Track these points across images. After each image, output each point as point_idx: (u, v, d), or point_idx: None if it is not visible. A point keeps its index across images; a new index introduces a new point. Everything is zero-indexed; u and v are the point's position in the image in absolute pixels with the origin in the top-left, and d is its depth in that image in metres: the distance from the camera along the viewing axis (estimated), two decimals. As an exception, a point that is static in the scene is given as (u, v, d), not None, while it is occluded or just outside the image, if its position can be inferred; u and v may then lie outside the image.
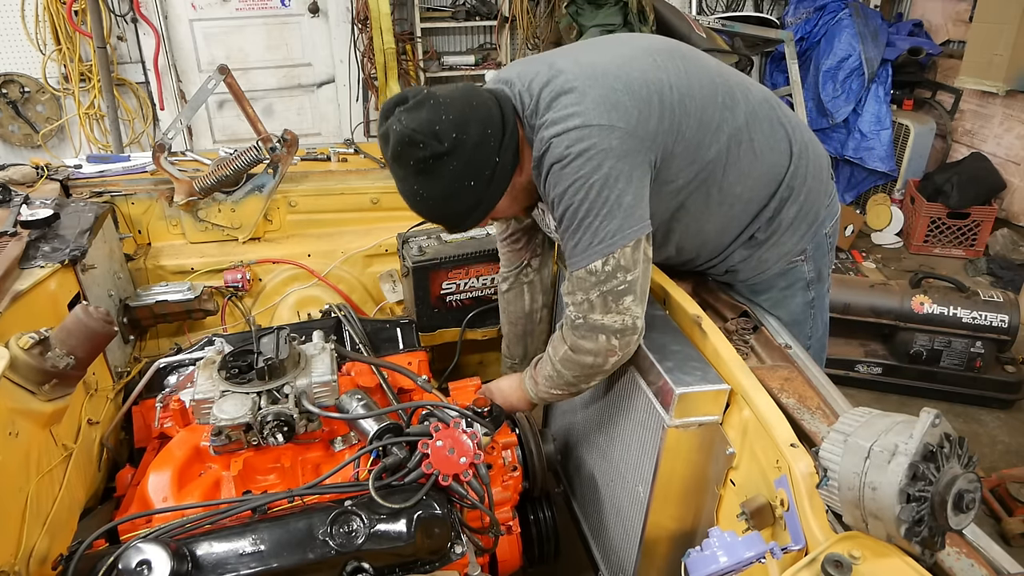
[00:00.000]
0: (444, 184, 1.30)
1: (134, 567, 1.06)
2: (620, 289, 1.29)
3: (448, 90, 1.31)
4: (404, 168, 1.28)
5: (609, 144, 1.24)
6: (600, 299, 1.30)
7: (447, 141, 1.24)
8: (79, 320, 1.34)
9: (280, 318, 2.32)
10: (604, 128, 1.25)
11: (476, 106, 1.29)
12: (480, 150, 1.28)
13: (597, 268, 1.28)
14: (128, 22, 4.57)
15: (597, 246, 1.27)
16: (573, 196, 1.26)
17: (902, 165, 5.16)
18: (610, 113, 1.26)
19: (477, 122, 1.28)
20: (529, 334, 1.94)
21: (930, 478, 0.86)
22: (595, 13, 4.74)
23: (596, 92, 1.28)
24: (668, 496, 1.44)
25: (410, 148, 1.24)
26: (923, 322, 3.13)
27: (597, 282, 1.29)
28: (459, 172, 1.28)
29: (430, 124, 1.23)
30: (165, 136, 2.26)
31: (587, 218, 1.27)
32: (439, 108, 1.25)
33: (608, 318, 1.31)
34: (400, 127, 1.24)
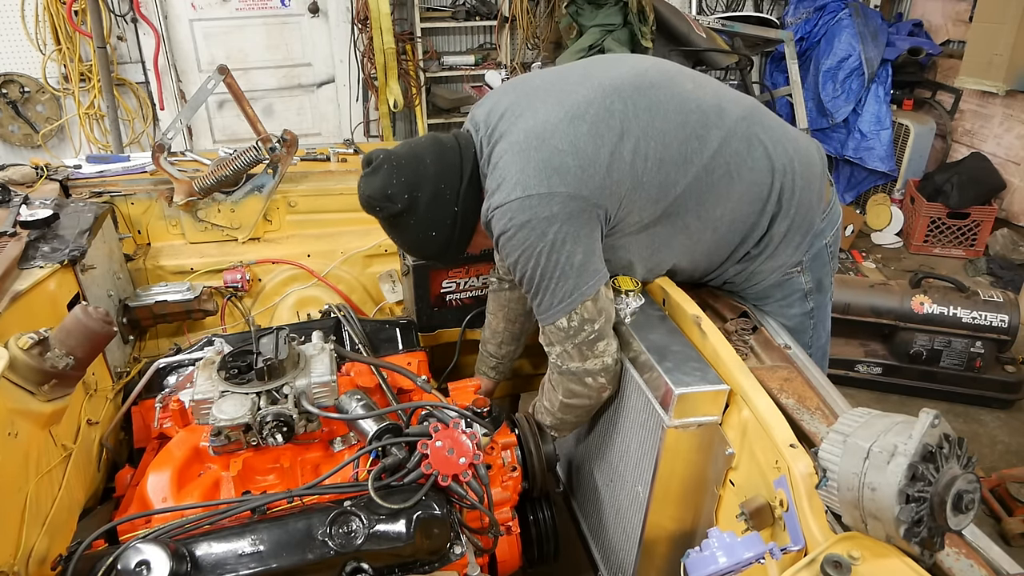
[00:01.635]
0: (410, 236, 1.48)
1: (133, 567, 1.06)
2: (591, 339, 1.40)
3: (408, 148, 1.43)
4: (379, 220, 1.48)
5: (551, 211, 1.30)
6: (575, 350, 1.41)
7: (400, 203, 1.39)
8: (78, 320, 1.34)
9: (280, 318, 2.32)
10: (544, 196, 1.30)
11: (430, 163, 1.41)
12: (436, 204, 1.42)
13: (564, 325, 1.38)
14: (128, 22, 4.57)
15: (558, 306, 1.37)
16: (525, 265, 1.35)
17: (902, 165, 5.16)
18: (551, 179, 1.30)
19: (429, 179, 1.40)
20: (524, 333, 1.94)
21: (929, 479, 0.86)
22: (595, 13, 4.74)
23: (538, 156, 1.32)
24: (667, 496, 1.43)
25: (370, 210, 1.45)
26: (923, 322, 3.13)
27: (567, 336, 1.39)
28: (420, 226, 1.44)
29: (383, 189, 1.39)
30: (165, 136, 2.26)
31: (543, 282, 1.35)
32: (391, 171, 1.39)
33: (588, 363, 1.43)
34: (360, 192, 1.43)
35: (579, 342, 1.39)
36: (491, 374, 1.97)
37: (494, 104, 1.46)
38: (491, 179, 1.38)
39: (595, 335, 1.39)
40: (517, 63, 5.42)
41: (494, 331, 1.94)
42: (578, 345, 1.40)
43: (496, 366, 1.98)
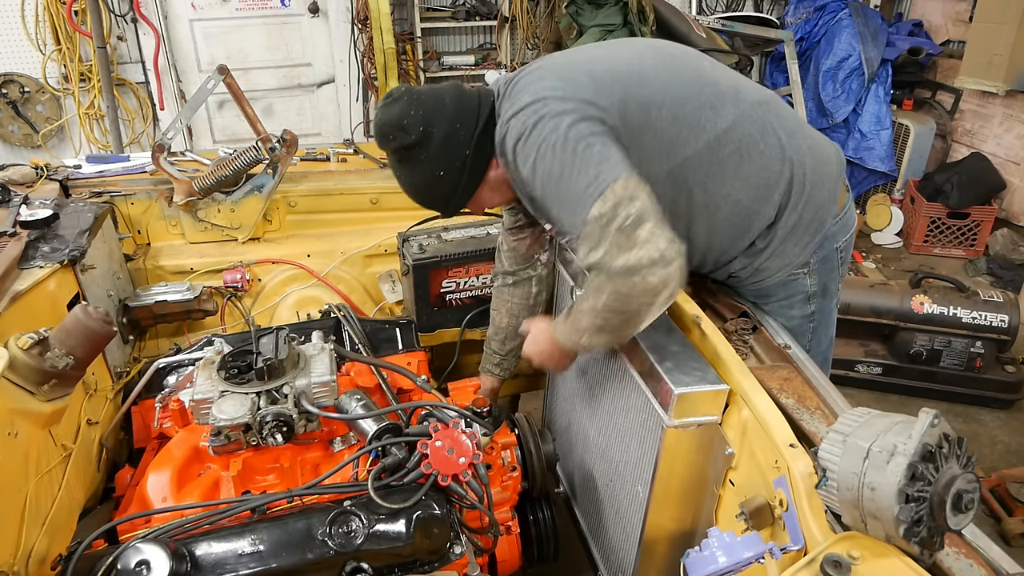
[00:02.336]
0: (419, 172, 1.43)
1: (133, 567, 1.06)
2: (628, 224, 1.21)
3: (430, 87, 1.43)
4: (388, 155, 1.45)
5: (563, 108, 1.29)
6: (616, 238, 1.21)
7: (414, 134, 1.37)
8: (78, 320, 1.34)
9: (279, 318, 2.32)
10: (557, 98, 1.30)
11: (449, 102, 1.40)
12: (449, 142, 1.39)
13: (596, 213, 1.22)
14: (128, 22, 4.57)
15: (586, 193, 1.24)
16: (542, 162, 1.29)
17: (902, 165, 5.16)
18: (565, 87, 1.32)
19: (446, 117, 1.38)
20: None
21: (929, 478, 0.86)
22: (595, 13, 4.74)
23: (555, 71, 1.36)
24: (667, 496, 1.43)
25: (383, 139, 1.41)
26: (923, 322, 3.13)
27: (606, 224, 1.22)
28: (430, 162, 1.40)
29: (399, 118, 1.37)
30: (165, 136, 2.26)
31: (563, 175, 1.27)
32: (411, 103, 1.38)
33: (634, 255, 1.21)
34: (376, 120, 1.42)
35: (617, 227, 1.20)
36: (496, 371, 1.97)
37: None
38: (507, 100, 1.38)
39: (632, 219, 1.21)
40: (517, 63, 5.42)
41: (498, 328, 1.94)
42: (618, 232, 1.21)
43: (500, 363, 1.97)
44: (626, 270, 1.21)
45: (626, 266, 1.21)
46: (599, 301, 1.28)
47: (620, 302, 1.26)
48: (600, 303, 1.28)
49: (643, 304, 1.25)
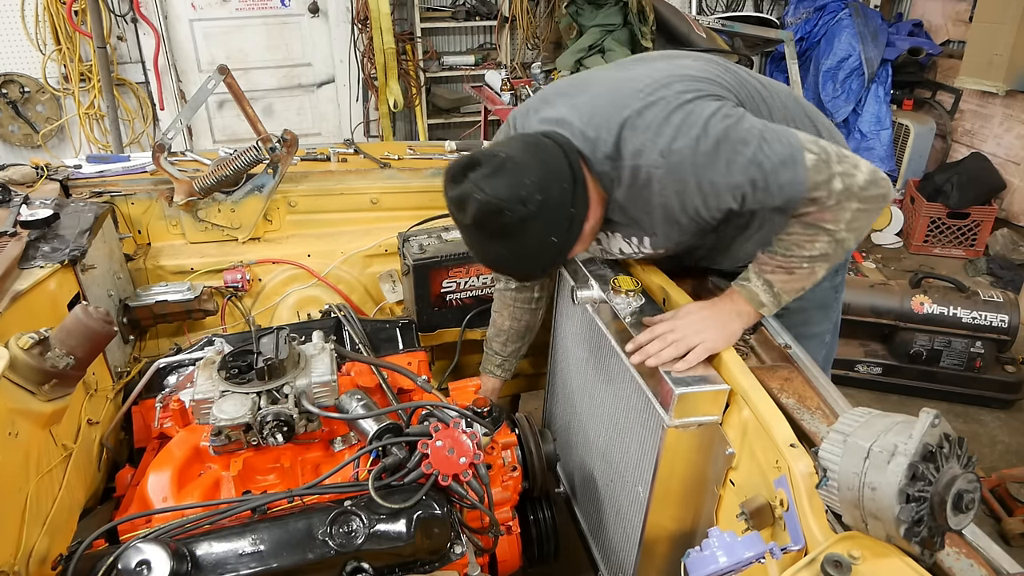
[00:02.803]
0: (527, 244, 1.30)
1: (133, 567, 1.06)
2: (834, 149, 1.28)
3: (514, 147, 1.29)
4: (486, 234, 1.29)
5: (708, 107, 1.27)
6: (842, 165, 1.26)
7: (532, 204, 1.24)
8: (79, 320, 1.34)
9: (280, 318, 2.32)
10: (696, 97, 1.29)
11: (548, 162, 1.28)
12: (560, 206, 1.29)
13: (813, 159, 1.25)
14: (128, 22, 4.57)
15: (795, 151, 1.25)
16: (734, 157, 1.23)
17: (902, 165, 5.16)
18: (688, 87, 1.30)
19: (554, 179, 1.27)
20: (530, 331, 1.94)
21: (929, 478, 0.86)
22: (595, 13, 4.75)
23: (673, 88, 1.30)
24: (668, 496, 1.43)
25: (496, 216, 1.24)
26: (923, 322, 3.13)
27: (826, 162, 1.25)
28: (542, 231, 1.29)
29: (514, 190, 1.23)
30: (165, 136, 2.26)
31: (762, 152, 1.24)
32: (518, 172, 1.24)
33: (863, 167, 1.28)
34: (483, 196, 1.22)
35: (836, 157, 1.26)
36: (497, 372, 1.96)
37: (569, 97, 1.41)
38: (639, 138, 1.28)
39: (834, 147, 1.29)
40: (517, 63, 5.42)
41: (499, 329, 1.92)
42: (839, 161, 1.26)
43: (502, 364, 1.96)
44: (870, 182, 1.28)
45: (867, 179, 1.27)
46: (841, 222, 1.29)
47: (864, 215, 1.30)
48: (844, 223, 1.30)
49: (882, 205, 1.33)
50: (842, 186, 1.26)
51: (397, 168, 2.48)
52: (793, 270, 1.36)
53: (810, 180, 1.25)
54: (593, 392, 1.77)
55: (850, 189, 1.27)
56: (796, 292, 1.39)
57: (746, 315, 1.41)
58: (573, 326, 1.89)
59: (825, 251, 1.33)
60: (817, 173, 1.25)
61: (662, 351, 1.37)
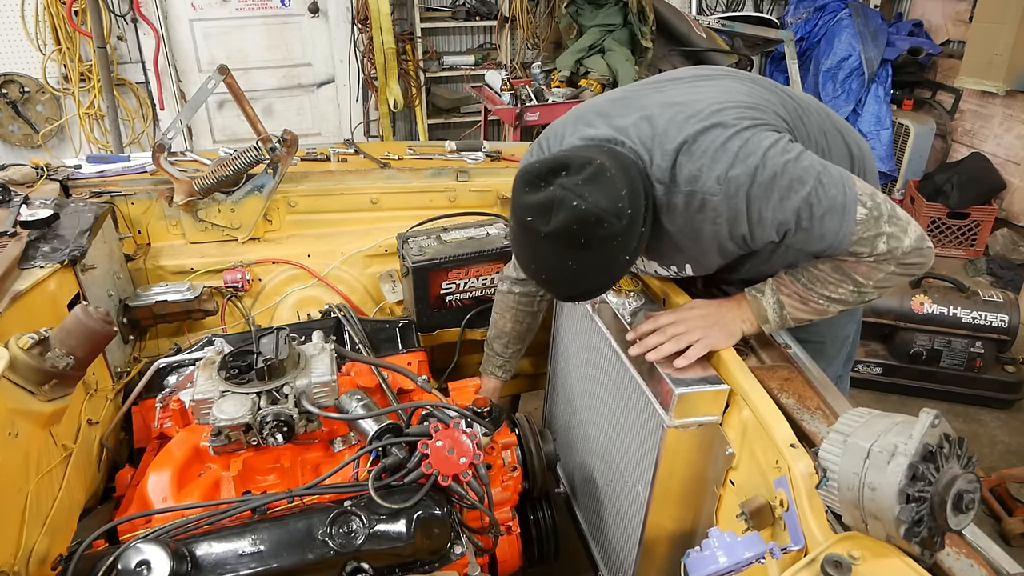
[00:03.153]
0: (605, 259, 1.23)
1: (133, 567, 1.06)
2: (889, 207, 1.25)
3: (603, 155, 1.21)
4: (566, 245, 1.19)
5: (767, 138, 1.23)
6: (892, 227, 1.23)
7: (625, 219, 1.17)
8: (79, 320, 1.34)
9: (280, 318, 2.32)
10: (753, 126, 1.25)
11: (632, 175, 1.22)
12: (639, 224, 1.22)
13: (864, 214, 1.21)
14: (128, 22, 4.57)
15: (848, 201, 1.21)
16: (788, 194, 1.20)
17: (902, 165, 5.16)
18: (743, 113, 1.27)
19: (639, 194, 1.21)
20: (530, 333, 1.94)
21: (929, 479, 0.86)
22: (595, 13, 4.75)
23: (728, 118, 1.26)
24: (668, 496, 1.44)
25: (591, 227, 1.16)
26: (923, 322, 3.13)
27: (876, 220, 1.22)
28: (622, 246, 1.22)
29: (613, 201, 1.15)
30: (165, 136, 2.26)
31: (816, 195, 1.20)
32: (615, 182, 1.17)
33: (912, 230, 1.25)
34: (583, 204, 1.14)
35: (887, 218, 1.23)
36: (498, 373, 1.96)
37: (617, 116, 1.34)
38: (698, 162, 1.23)
39: (889, 204, 1.25)
40: (517, 63, 5.43)
41: (500, 331, 1.91)
42: (889, 221, 1.23)
43: (503, 365, 1.95)
44: (915, 249, 1.25)
45: (913, 245, 1.24)
46: (872, 279, 1.28)
47: (897, 277, 1.29)
48: (874, 280, 1.28)
49: (919, 272, 1.30)
50: (886, 248, 1.24)
51: (397, 168, 2.48)
52: (808, 301, 1.35)
53: (856, 234, 1.22)
54: (593, 392, 1.77)
55: (893, 253, 1.24)
56: (803, 321, 1.38)
57: (750, 324, 1.41)
58: (573, 326, 1.89)
59: (846, 298, 1.32)
60: (865, 229, 1.22)
61: (662, 345, 1.36)
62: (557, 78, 4.60)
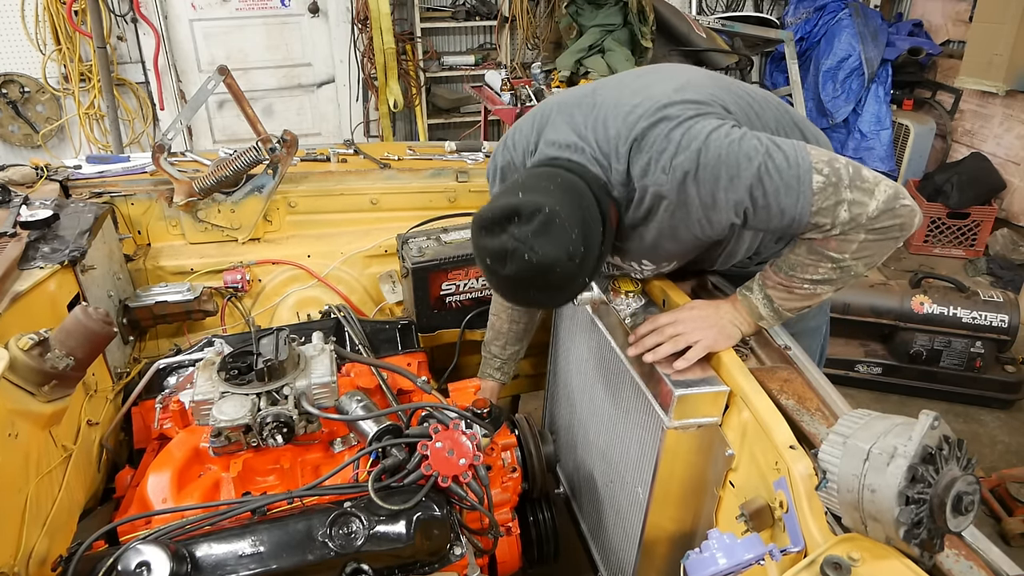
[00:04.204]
0: (563, 290, 1.32)
1: (133, 568, 1.06)
2: (852, 171, 1.22)
3: (555, 197, 1.24)
4: (524, 287, 1.27)
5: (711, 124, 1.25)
6: (854, 193, 1.21)
7: (578, 258, 1.23)
8: (78, 321, 1.34)
9: (280, 319, 2.32)
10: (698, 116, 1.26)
11: (585, 208, 1.26)
12: (596, 251, 1.28)
13: (822, 182, 1.20)
14: (128, 22, 4.57)
15: (802, 172, 1.20)
16: (737, 172, 1.21)
17: (902, 165, 5.16)
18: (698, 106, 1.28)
19: (593, 227, 1.26)
20: (528, 334, 1.94)
21: (929, 480, 0.86)
22: (595, 13, 4.75)
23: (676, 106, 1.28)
24: (667, 498, 1.44)
25: (544, 275, 1.22)
26: (923, 322, 3.13)
27: (835, 187, 1.20)
28: (579, 277, 1.29)
29: (563, 248, 1.20)
30: (165, 136, 2.26)
31: (766, 169, 1.21)
32: (565, 228, 1.21)
33: (880, 192, 1.21)
34: (534, 256, 1.19)
35: (847, 184, 1.21)
36: (496, 375, 1.94)
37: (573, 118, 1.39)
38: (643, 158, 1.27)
39: (853, 168, 1.22)
40: (517, 63, 5.42)
41: (498, 332, 1.91)
42: (850, 187, 1.21)
43: (501, 367, 1.94)
44: (884, 211, 1.21)
45: (879, 206, 1.21)
46: (846, 252, 1.26)
47: (876, 244, 1.25)
48: (849, 253, 1.26)
49: (901, 236, 1.26)
50: (848, 216, 1.21)
51: (397, 169, 2.48)
52: (794, 289, 1.34)
53: (815, 204, 1.21)
54: (593, 393, 1.77)
55: (857, 220, 1.21)
56: (797, 310, 1.38)
57: (746, 325, 1.41)
58: (573, 327, 1.89)
59: (829, 276, 1.31)
60: (824, 198, 1.20)
61: (660, 347, 1.37)
62: (557, 78, 4.60)
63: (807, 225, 1.24)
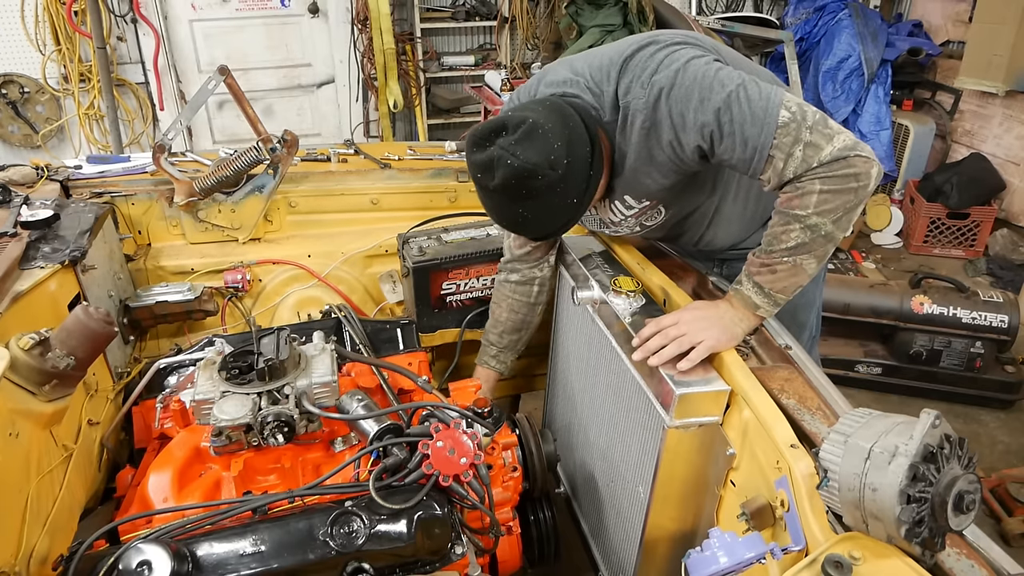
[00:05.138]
0: (551, 205, 1.37)
1: (134, 568, 1.06)
2: (819, 118, 1.26)
3: (538, 112, 1.32)
4: (511, 197, 1.34)
5: (700, 51, 1.34)
6: (814, 136, 1.25)
7: (560, 168, 1.30)
8: (79, 321, 1.34)
9: (280, 319, 2.32)
10: (685, 46, 1.35)
11: (573, 127, 1.33)
12: (582, 169, 1.35)
13: (787, 116, 1.25)
14: (128, 22, 4.57)
15: (770, 105, 1.25)
16: (711, 95, 1.27)
17: (902, 165, 5.16)
18: (685, 39, 1.37)
19: (578, 144, 1.33)
20: (526, 326, 1.95)
21: (930, 479, 0.86)
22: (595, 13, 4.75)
23: (662, 40, 1.37)
24: (668, 497, 1.44)
25: (527, 180, 1.29)
26: (923, 322, 3.13)
27: (799, 125, 1.25)
28: (566, 193, 1.35)
29: (544, 155, 1.28)
30: (165, 137, 2.26)
31: (737, 97, 1.26)
32: (548, 136, 1.28)
33: (838, 140, 1.25)
34: (516, 161, 1.27)
35: (811, 124, 1.25)
36: (492, 363, 1.96)
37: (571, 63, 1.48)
38: (627, 78, 1.35)
39: (820, 116, 1.27)
40: (517, 63, 5.43)
41: (496, 320, 1.94)
42: (811, 128, 1.24)
43: (496, 355, 1.96)
44: (839, 158, 1.24)
45: (834, 152, 1.24)
46: (808, 208, 1.27)
47: (836, 196, 1.26)
48: (812, 208, 1.27)
49: (859, 187, 1.27)
50: (800, 157, 1.25)
51: (397, 169, 2.48)
52: (775, 267, 1.35)
53: (776, 138, 1.25)
54: (594, 393, 1.77)
55: (808, 163, 1.24)
56: (788, 291, 1.38)
57: (747, 321, 1.42)
58: (573, 327, 1.89)
59: (801, 239, 1.31)
60: (785, 133, 1.24)
61: (664, 349, 1.37)
62: (557, 78, 4.60)
63: (765, 160, 1.27)
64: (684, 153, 1.34)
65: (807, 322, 1.84)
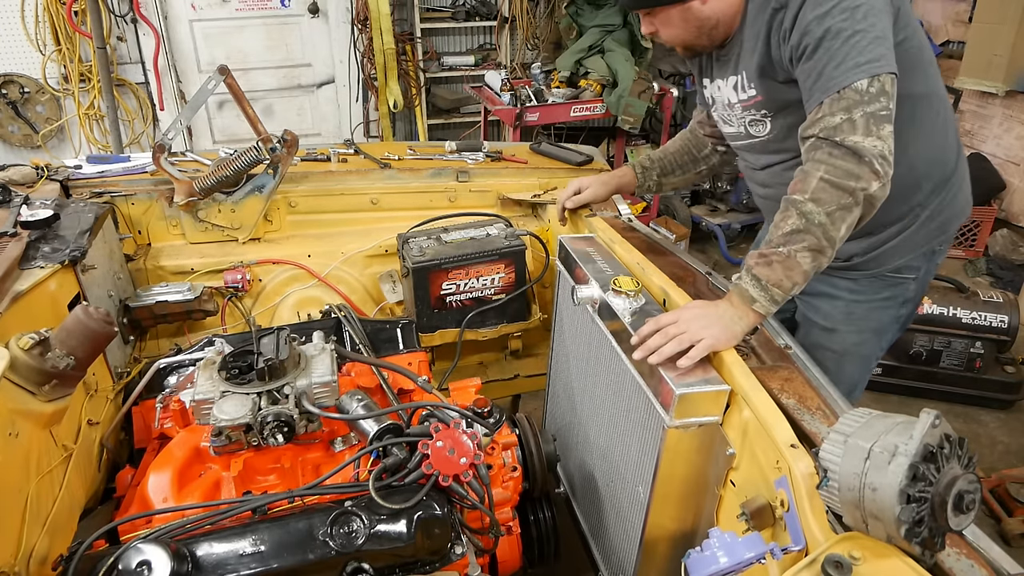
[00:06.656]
0: None
1: (134, 568, 1.06)
2: (883, 114, 1.28)
3: None
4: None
5: None
6: (863, 120, 1.27)
7: None
8: (79, 320, 1.34)
9: (280, 318, 2.32)
10: None
11: None
12: None
13: (862, 87, 1.27)
14: (128, 22, 4.57)
15: (865, 65, 1.26)
16: (837, 16, 1.28)
17: (902, 165, 5.15)
18: None
19: None
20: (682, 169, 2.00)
21: (930, 479, 0.86)
22: (595, 13, 4.75)
23: None
24: (668, 497, 1.44)
25: None
26: (923, 322, 3.13)
27: (861, 101, 1.26)
28: None
29: None
30: (165, 137, 2.26)
31: (854, 37, 1.27)
32: None
33: (868, 141, 1.27)
34: None
35: (871, 112, 1.27)
36: (637, 169, 2.00)
37: None
38: None
39: (887, 112, 1.28)
40: (517, 63, 5.43)
41: (665, 151, 2.00)
42: (867, 116, 1.27)
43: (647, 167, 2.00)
44: (855, 149, 1.27)
45: (858, 146, 1.27)
46: (806, 192, 1.31)
47: (833, 187, 1.29)
48: (809, 193, 1.31)
49: (855, 190, 1.29)
50: (835, 124, 1.28)
51: (397, 168, 2.48)
52: (771, 258, 1.36)
53: (839, 93, 1.27)
54: (593, 392, 1.77)
55: (835, 133, 1.28)
56: (785, 286, 1.36)
57: (746, 318, 1.40)
58: (573, 327, 1.89)
59: (796, 226, 1.33)
60: (846, 96, 1.27)
61: (664, 347, 1.36)
62: (557, 78, 4.60)
63: (817, 103, 1.31)
64: (786, 46, 1.37)
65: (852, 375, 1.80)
